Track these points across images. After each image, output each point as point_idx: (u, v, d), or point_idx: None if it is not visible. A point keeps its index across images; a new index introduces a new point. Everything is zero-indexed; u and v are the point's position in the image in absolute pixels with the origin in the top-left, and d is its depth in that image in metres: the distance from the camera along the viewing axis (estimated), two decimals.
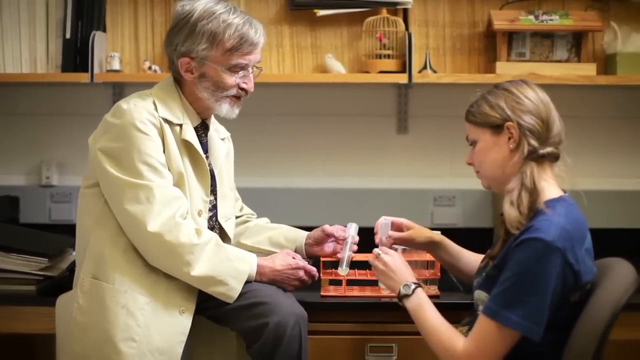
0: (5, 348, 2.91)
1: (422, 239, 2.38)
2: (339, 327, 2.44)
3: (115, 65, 2.98)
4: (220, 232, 2.40)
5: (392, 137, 3.22)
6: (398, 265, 2.20)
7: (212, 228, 2.37)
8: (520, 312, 1.92)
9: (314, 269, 2.35)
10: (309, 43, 3.09)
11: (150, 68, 3.00)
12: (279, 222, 2.64)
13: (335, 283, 2.49)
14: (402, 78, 2.93)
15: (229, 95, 2.31)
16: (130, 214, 2.17)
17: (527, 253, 1.94)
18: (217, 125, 2.48)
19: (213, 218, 2.39)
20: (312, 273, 2.34)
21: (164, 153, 2.24)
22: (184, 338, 2.21)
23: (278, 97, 3.18)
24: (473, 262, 2.33)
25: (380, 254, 2.23)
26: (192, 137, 2.30)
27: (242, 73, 2.30)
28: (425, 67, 3.01)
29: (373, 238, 2.40)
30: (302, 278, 2.32)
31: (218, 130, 2.47)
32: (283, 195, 3.17)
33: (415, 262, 2.44)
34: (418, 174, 3.21)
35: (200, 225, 2.28)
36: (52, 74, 2.98)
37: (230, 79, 2.29)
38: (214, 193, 2.38)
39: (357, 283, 2.51)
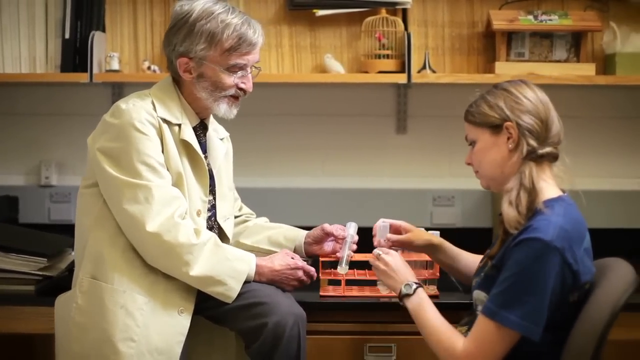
0: (5, 348, 2.91)
1: (420, 242, 2.38)
2: (338, 327, 2.43)
3: (115, 65, 2.98)
4: (219, 232, 2.40)
5: (391, 137, 3.22)
6: (399, 265, 2.20)
7: (211, 228, 2.37)
8: (519, 312, 1.92)
9: (313, 269, 2.35)
10: (308, 43, 3.09)
11: (150, 68, 3.00)
12: (279, 222, 2.63)
13: (334, 283, 2.49)
14: (401, 78, 2.93)
15: (227, 95, 2.31)
16: (129, 214, 2.17)
17: (525, 253, 1.94)
18: (216, 125, 2.48)
19: (212, 218, 2.39)
20: (310, 273, 2.34)
21: (163, 153, 2.24)
22: (183, 338, 2.21)
23: (277, 97, 3.18)
24: (472, 263, 2.33)
25: (381, 254, 2.23)
26: (190, 137, 2.30)
27: (240, 73, 2.30)
28: (425, 67, 3.02)
29: (372, 238, 2.40)
30: (300, 278, 2.32)
31: (217, 130, 2.47)
32: (282, 195, 3.17)
33: (415, 262, 2.43)
34: (417, 174, 3.21)
35: (199, 225, 2.28)
36: (51, 74, 2.99)
37: (229, 79, 2.29)
38: (213, 193, 2.38)
39: (356, 283, 2.50)
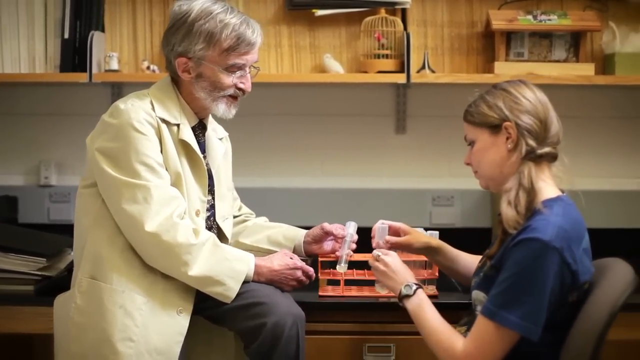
0: (4, 348, 2.91)
1: (419, 245, 2.38)
2: (337, 327, 2.43)
3: (114, 65, 2.98)
4: (218, 232, 2.40)
5: (390, 137, 3.22)
6: (398, 266, 2.20)
7: (209, 228, 2.37)
8: (519, 312, 1.92)
9: (312, 269, 2.35)
10: (308, 43, 3.09)
11: (149, 68, 3.00)
12: (278, 222, 2.63)
13: (333, 283, 2.49)
14: (400, 78, 2.93)
15: (226, 95, 2.31)
16: (128, 214, 2.17)
17: (524, 253, 1.94)
18: (214, 125, 2.48)
19: (211, 218, 2.38)
20: (309, 273, 2.34)
21: (162, 153, 2.23)
22: (182, 338, 2.21)
23: (276, 97, 3.18)
24: (471, 264, 2.33)
25: (381, 255, 2.23)
26: (189, 137, 2.30)
27: (239, 73, 2.30)
28: (424, 67, 3.02)
29: (371, 238, 2.40)
30: (299, 278, 2.32)
31: (216, 130, 2.47)
32: (282, 195, 3.17)
33: (414, 262, 2.43)
34: (416, 174, 3.21)
35: (198, 225, 2.28)
36: (50, 74, 2.99)
37: (228, 79, 2.29)
38: (212, 193, 2.38)
39: (355, 283, 2.51)
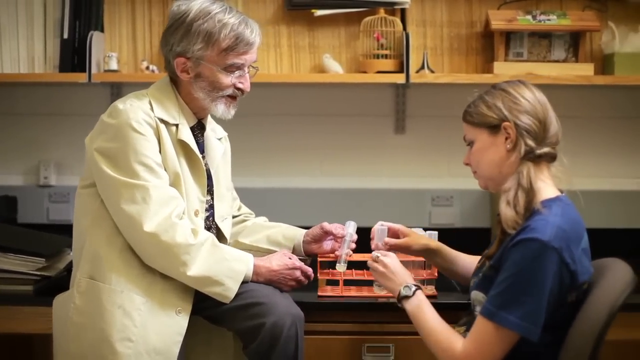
0: (3, 348, 2.92)
1: (418, 246, 2.38)
2: (336, 327, 2.43)
3: (113, 65, 2.98)
4: (217, 232, 2.40)
5: (389, 137, 3.22)
6: (397, 268, 2.20)
7: (208, 228, 2.37)
8: (518, 312, 1.92)
9: (310, 270, 2.35)
10: (307, 43, 3.09)
11: (148, 68, 3.00)
12: (277, 222, 2.62)
13: (333, 283, 2.49)
14: (399, 78, 2.93)
15: (225, 95, 2.31)
16: (127, 214, 2.17)
17: (523, 253, 1.94)
18: (213, 125, 2.47)
19: (210, 218, 2.38)
20: (308, 273, 2.34)
21: (160, 153, 2.24)
22: (181, 338, 2.21)
23: (276, 97, 3.18)
24: (470, 264, 2.33)
25: (379, 256, 2.23)
26: (188, 137, 2.30)
27: (238, 73, 2.30)
28: (423, 67, 3.02)
29: (370, 238, 2.40)
30: (298, 278, 2.32)
31: (215, 130, 2.47)
32: (281, 196, 3.17)
33: (413, 262, 2.43)
34: (416, 174, 3.21)
35: (197, 226, 2.28)
36: (49, 74, 2.99)
37: (226, 79, 2.29)
38: (211, 193, 2.38)
39: (354, 283, 2.51)
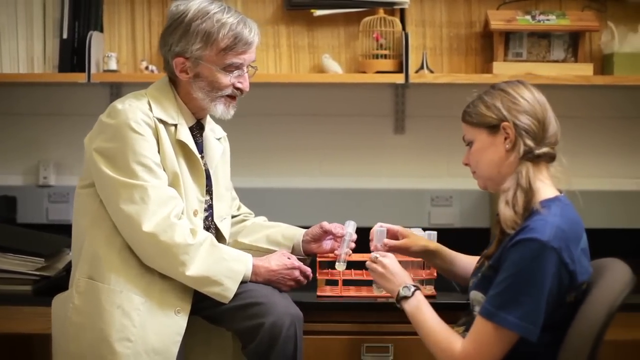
0: (2, 348, 2.92)
1: (417, 248, 2.38)
2: (335, 327, 2.44)
3: (112, 66, 2.98)
4: (216, 232, 2.40)
5: (389, 137, 3.22)
6: (396, 268, 2.20)
7: (207, 228, 2.37)
8: (517, 313, 1.92)
9: (309, 270, 2.35)
10: (306, 43, 3.09)
11: (147, 68, 3.00)
12: (277, 222, 2.62)
13: (332, 283, 2.49)
14: (399, 78, 2.93)
15: (224, 95, 2.31)
16: (125, 214, 2.17)
17: (522, 253, 1.94)
18: (212, 125, 2.47)
19: (209, 218, 2.39)
20: (307, 273, 2.34)
21: (159, 153, 2.24)
22: (180, 338, 2.21)
23: (275, 97, 3.18)
24: (469, 265, 2.33)
25: (378, 257, 2.23)
26: (186, 137, 2.30)
27: (237, 72, 2.30)
28: (422, 67, 3.01)
29: (369, 238, 2.40)
30: (297, 278, 2.32)
31: (214, 130, 2.47)
32: (280, 196, 3.17)
33: (412, 262, 2.44)
34: (415, 174, 3.21)
35: (196, 226, 2.27)
36: (49, 74, 2.99)
37: (225, 79, 2.29)
38: (210, 193, 2.38)
39: (353, 283, 2.51)
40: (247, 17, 2.32)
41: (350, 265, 2.45)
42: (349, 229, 2.47)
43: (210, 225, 2.39)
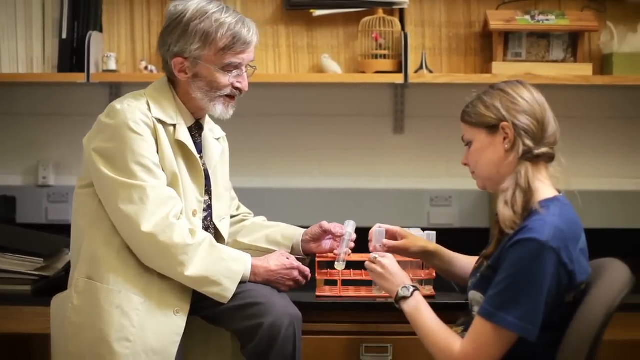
0: (1, 348, 2.92)
1: (416, 249, 2.38)
2: (334, 327, 2.44)
3: (112, 66, 2.98)
4: (215, 232, 2.40)
5: (388, 137, 3.22)
6: (395, 269, 2.20)
7: (206, 228, 2.37)
8: (516, 313, 1.92)
9: (308, 270, 2.35)
10: (305, 43, 3.09)
11: (147, 68, 3.00)
12: (276, 222, 2.63)
13: (331, 283, 2.49)
14: (398, 78, 2.93)
15: (223, 95, 2.31)
16: (124, 214, 2.17)
17: (521, 253, 1.94)
18: (211, 125, 2.47)
19: (208, 218, 2.38)
20: (305, 273, 2.34)
21: (158, 153, 2.24)
22: (179, 338, 2.21)
23: (274, 97, 3.18)
24: (467, 265, 2.33)
25: (378, 257, 2.23)
26: (185, 137, 2.30)
27: (235, 72, 2.30)
28: (422, 67, 3.01)
29: (368, 237, 2.40)
30: (296, 278, 2.32)
31: (213, 130, 2.47)
32: (279, 196, 3.17)
33: (411, 262, 2.43)
34: (414, 174, 3.21)
35: (195, 226, 2.28)
36: (48, 74, 2.99)
37: (224, 79, 2.29)
38: (209, 193, 2.38)
39: (352, 283, 2.51)
40: (246, 17, 2.32)
41: (350, 266, 2.45)
42: (349, 229, 2.47)
43: (209, 226, 2.39)
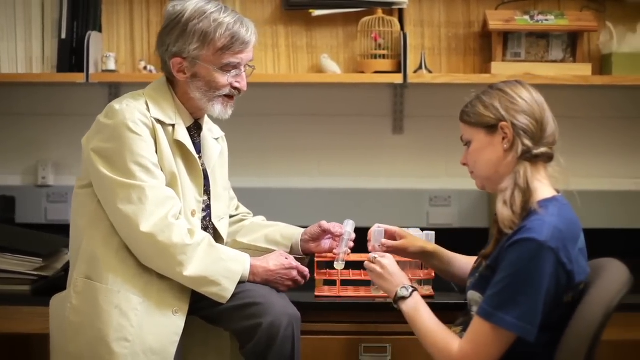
0: (1, 348, 2.91)
1: (414, 249, 2.38)
2: (333, 327, 2.43)
3: (111, 66, 2.98)
4: (214, 232, 2.40)
5: (387, 137, 3.22)
6: (394, 269, 2.20)
7: (205, 228, 2.37)
8: (515, 313, 1.92)
9: (307, 270, 2.35)
10: (305, 43, 3.09)
11: (146, 68, 3.00)
12: (275, 222, 2.63)
13: (330, 283, 2.49)
14: (397, 78, 2.93)
15: (222, 95, 2.31)
16: (123, 214, 2.17)
17: (520, 253, 1.94)
18: (210, 125, 2.47)
19: (207, 218, 2.38)
20: (304, 273, 2.34)
21: (157, 153, 2.24)
22: (178, 338, 2.21)
23: (274, 97, 3.18)
24: (466, 265, 2.33)
25: (377, 257, 2.23)
26: (184, 137, 2.30)
27: (234, 72, 2.30)
28: (421, 67, 3.01)
29: (367, 237, 2.40)
30: (295, 278, 2.32)
31: (212, 130, 2.47)
32: (279, 196, 3.17)
33: (410, 262, 2.43)
34: (414, 174, 3.21)
35: (194, 226, 2.28)
36: (47, 74, 2.99)
37: (223, 78, 2.29)
38: (208, 193, 2.38)
39: (351, 283, 2.51)
40: (245, 17, 2.32)
41: (349, 266, 2.45)
42: (348, 228, 2.47)
43: (208, 225, 2.39)
